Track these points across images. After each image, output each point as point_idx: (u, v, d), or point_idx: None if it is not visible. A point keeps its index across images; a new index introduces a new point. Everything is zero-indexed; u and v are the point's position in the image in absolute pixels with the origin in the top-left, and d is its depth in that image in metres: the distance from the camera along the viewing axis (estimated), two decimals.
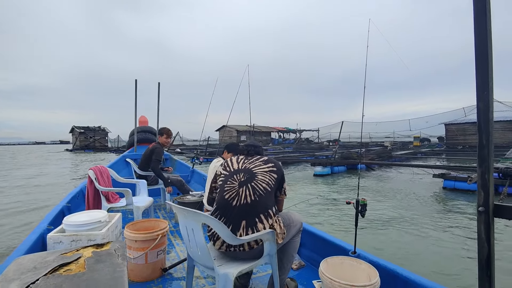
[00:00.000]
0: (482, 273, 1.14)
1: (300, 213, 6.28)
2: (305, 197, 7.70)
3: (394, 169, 13.45)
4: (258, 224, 1.55)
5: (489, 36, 1.09)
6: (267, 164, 1.73)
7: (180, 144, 33.51)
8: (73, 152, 38.30)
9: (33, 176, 12.97)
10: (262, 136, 42.47)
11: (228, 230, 1.42)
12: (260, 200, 1.59)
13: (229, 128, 42.55)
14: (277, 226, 1.60)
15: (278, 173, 1.71)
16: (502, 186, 7.74)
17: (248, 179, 1.65)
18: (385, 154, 17.23)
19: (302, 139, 42.60)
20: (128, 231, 2.06)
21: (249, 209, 1.57)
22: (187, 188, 4.34)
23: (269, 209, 1.61)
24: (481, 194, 1.14)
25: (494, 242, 1.14)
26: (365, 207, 1.93)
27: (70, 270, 1.07)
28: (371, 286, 1.35)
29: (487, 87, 1.10)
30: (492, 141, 1.14)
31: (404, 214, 6.15)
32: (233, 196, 1.61)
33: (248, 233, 1.52)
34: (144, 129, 6.49)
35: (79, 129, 43.09)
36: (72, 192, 3.59)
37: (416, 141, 29.88)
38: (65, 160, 23.29)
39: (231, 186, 1.65)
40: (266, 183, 1.64)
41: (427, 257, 3.97)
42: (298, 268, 2.29)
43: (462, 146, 26.38)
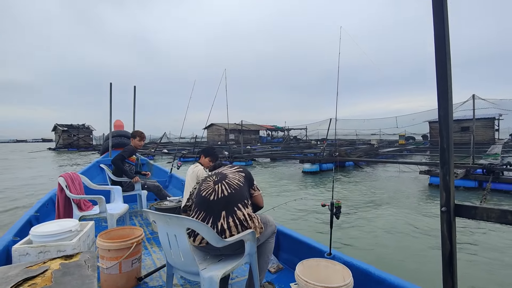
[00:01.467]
0: (446, 268, 1.21)
1: (285, 213, 6.29)
2: (295, 193, 7.77)
3: (381, 167, 13.77)
4: (237, 211, 1.66)
5: (447, 50, 1.17)
6: (233, 168, 1.98)
7: (167, 143, 32.53)
8: (56, 151, 36.40)
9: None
10: (250, 134, 42.24)
11: (214, 233, 1.45)
12: (236, 192, 1.73)
13: (217, 127, 42.07)
14: (255, 219, 1.71)
15: (245, 172, 1.93)
16: (486, 182, 8.03)
17: (221, 178, 1.82)
18: (372, 151, 17.59)
19: (291, 137, 42.80)
20: (101, 240, 1.99)
21: (227, 200, 1.69)
22: (164, 194, 4.25)
23: (245, 199, 1.75)
24: (443, 195, 1.21)
25: (456, 239, 1.22)
26: (340, 209, 1.99)
27: (35, 285, 1.02)
28: (344, 286, 1.39)
29: (446, 97, 1.18)
30: (452, 145, 1.22)
31: (390, 211, 6.31)
32: (210, 192, 1.73)
33: (229, 221, 1.62)
34: (119, 133, 6.29)
35: (62, 127, 41.41)
36: (40, 200, 3.40)
37: (402, 139, 30.27)
38: (48, 162, 21.73)
39: (207, 185, 1.79)
40: (238, 179, 1.82)
41: (408, 257, 4.14)
42: (276, 271, 2.31)
43: None
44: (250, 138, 40.31)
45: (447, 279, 1.21)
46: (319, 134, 39.93)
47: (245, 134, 36.57)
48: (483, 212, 1.13)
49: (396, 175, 11.61)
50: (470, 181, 8.61)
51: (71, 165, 18.72)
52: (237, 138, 27.69)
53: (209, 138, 43.42)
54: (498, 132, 28.05)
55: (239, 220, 1.63)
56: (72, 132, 41.52)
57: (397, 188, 8.98)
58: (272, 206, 3.79)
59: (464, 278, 3.42)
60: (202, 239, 1.59)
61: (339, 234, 4.90)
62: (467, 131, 25.64)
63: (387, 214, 6.17)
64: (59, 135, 41.46)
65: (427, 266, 3.82)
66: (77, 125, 43.44)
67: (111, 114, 5.88)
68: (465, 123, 26.16)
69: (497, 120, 26.96)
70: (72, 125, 43.02)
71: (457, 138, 26.73)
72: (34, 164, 19.40)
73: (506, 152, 16.72)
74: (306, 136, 43.29)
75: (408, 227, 5.35)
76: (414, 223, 5.62)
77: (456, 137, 27.25)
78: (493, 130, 27.15)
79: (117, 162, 3.90)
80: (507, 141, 28.19)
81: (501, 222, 1.09)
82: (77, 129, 42.41)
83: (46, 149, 39.03)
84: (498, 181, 8.05)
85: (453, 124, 1.25)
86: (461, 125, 26.88)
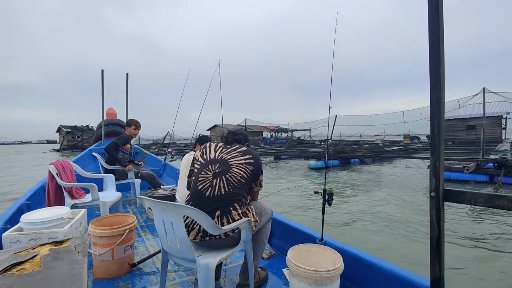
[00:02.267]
0: (433, 253, 1.23)
1: (289, 203, 6.28)
2: (303, 189, 7.77)
3: (387, 164, 13.63)
4: (232, 212, 1.58)
5: (441, 36, 1.16)
6: (244, 156, 1.70)
7: (171, 143, 32.52)
8: (60, 152, 36.30)
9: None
10: (254, 135, 41.81)
11: (211, 220, 1.40)
12: (235, 191, 1.60)
13: (221, 128, 41.53)
14: (250, 214, 1.65)
15: (255, 165, 1.70)
16: (497, 176, 7.99)
17: (223, 171, 1.64)
18: (377, 149, 17.49)
19: (294, 138, 42.70)
20: (93, 227, 1.98)
21: (223, 199, 1.58)
22: (158, 182, 4.24)
23: (243, 198, 1.64)
24: (432, 181, 1.22)
25: (444, 224, 1.24)
26: (332, 196, 2.00)
27: (24, 269, 1.01)
28: (334, 270, 1.41)
29: (439, 80, 1.17)
30: (443, 131, 1.23)
31: (396, 207, 6.34)
32: (206, 187, 1.61)
33: (223, 221, 1.54)
34: (112, 121, 6.21)
35: (66, 128, 41.23)
36: (32, 189, 3.36)
37: (406, 139, 29.74)
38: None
39: (205, 176, 1.64)
40: (241, 175, 1.63)
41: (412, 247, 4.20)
42: (268, 258, 2.34)
43: (452, 142, 26.00)
44: (253, 140, 40.02)
45: (434, 262, 1.24)
46: (323, 134, 39.81)
47: (248, 135, 35.95)
48: (471, 197, 1.15)
49: (403, 171, 11.45)
50: (481, 175, 8.50)
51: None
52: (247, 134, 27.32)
53: (212, 140, 42.56)
54: (505, 131, 27.37)
55: (234, 220, 1.56)
56: (76, 133, 41.30)
57: (405, 183, 8.91)
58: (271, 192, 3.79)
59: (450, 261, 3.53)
60: (195, 236, 1.55)
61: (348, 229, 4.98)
62: (473, 129, 25.28)
63: (396, 209, 6.18)
64: (63, 137, 41.35)
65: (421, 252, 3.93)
66: (81, 126, 43.26)
67: (103, 102, 5.78)
68: (471, 121, 25.69)
69: (504, 119, 26.25)
70: (76, 126, 42.88)
71: (463, 136, 26.44)
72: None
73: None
74: (309, 137, 43.17)
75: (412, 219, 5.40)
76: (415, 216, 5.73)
77: (462, 135, 26.74)
78: (501, 129, 26.52)
79: (110, 150, 3.86)
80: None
81: (488, 206, 1.10)
82: (81, 131, 42.14)
83: (51, 150, 38.73)
84: (510, 175, 7.99)
85: (444, 111, 1.25)
86: (467, 123, 26.49)
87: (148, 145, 33.71)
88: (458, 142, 25.59)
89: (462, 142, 25.44)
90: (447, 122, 27.29)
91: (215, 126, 42.26)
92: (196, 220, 1.46)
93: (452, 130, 27.57)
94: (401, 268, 1.55)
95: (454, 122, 27.36)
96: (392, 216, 5.54)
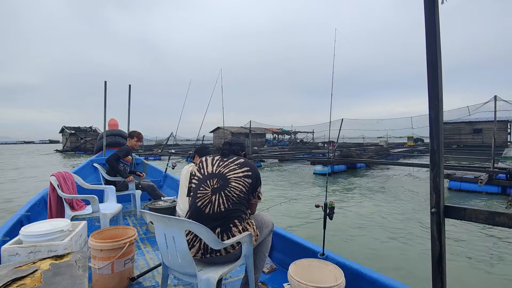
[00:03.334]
0: (435, 269, 1.23)
1: (295, 213, 6.20)
2: (309, 196, 7.60)
3: (392, 168, 13.29)
4: (233, 228, 1.56)
5: (438, 51, 1.19)
6: (241, 169, 1.68)
7: (174, 145, 32.47)
8: (63, 153, 36.11)
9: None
10: (256, 138, 41.85)
11: (213, 235, 1.40)
12: (234, 207, 1.59)
13: (223, 130, 41.68)
14: (250, 228, 1.64)
15: (253, 177, 1.68)
16: (510, 188, 7.53)
17: (221, 186, 1.61)
18: (383, 151, 17.29)
19: (297, 140, 42.66)
20: (93, 240, 1.97)
21: (223, 216, 1.56)
22: (159, 194, 4.23)
23: (242, 214, 1.63)
24: (433, 196, 1.23)
25: (445, 240, 1.24)
26: (333, 210, 2.00)
27: (24, 285, 1.01)
28: (336, 286, 1.40)
29: (437, 97, 1.19)
30: (443, 147, 1.24)
31: (403, 218, 6.21)
32: (205, 204, 1.59)
33: (224, 239, 1.53)
34: (114, 132, 6.24)
35: (69, 129, 41.06)
36: (32, 200, 3.35)
37: (410, 141, 29.44)
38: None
39: (204, 193, 1.62)
40: (240, 190, 1.62)
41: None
42: (269, 272, 2.31)
43: (457, 145, 25.79)
44: (256, 142, 39.98)
45: (436, 279, 1.23)
46: (326, 137, 39.75)
47: (251, 138, 36.09)
48: (472, 214, 1.15)
49: (410, 178, 11.19)
50: (493, 186, 8.07)
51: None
52: (244, 141, 27.23)
53: (215, 142, 43.07)
54: (510, 135, 27.22)
55: (234, 237, 1.55)
56: (79, 135, 41.20)
57: (413, 191, 8.71)
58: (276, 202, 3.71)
59: (452, 276, 3.47)
60: (196, 252, 1.54)
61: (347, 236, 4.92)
62: (479, 133, 24.94)
63: (403, 221, 6.05)
64: (66, 138, 41.25)
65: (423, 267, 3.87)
66: (84, 127, 43.14)
67: (106, 113, 5.84)
68: (477, 125, 25.39)
69: (510, 123, 26.02)
70: (79, 127, 42.75)
71: (469, 140, 26.04)
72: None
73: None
74: (312, 139, 43.12)
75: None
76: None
77: (467, 139, 26.20)
78: (507, 133, 26.27)
79: (111, 162, 3.87)
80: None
81: (489, 223, 1.10)
82: (84, 132, 42.02)
83: (54, 151, 38.76)
84: None
85: (443, 127, 1.27)
86: (473, 127, 26.12)
87: (151, 146, 33.62)
88: (464, 146, 25.18)
89: (467, 145, 25.02)
90: (453, 125, 26.73)
91: (218, 128, 42.20)
92: (197, 236, 1.46)
93: (457, 134, 26.90)
94: (403, 284, 1.53)
95: (460, 126, 26.63)
96: (399, 229, 5.47)
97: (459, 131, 27.00)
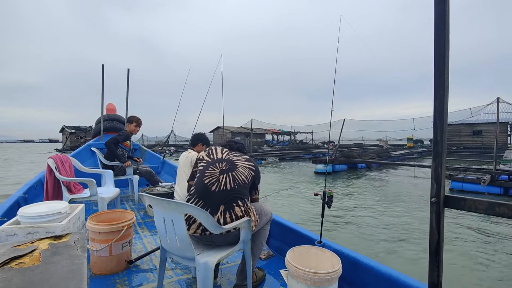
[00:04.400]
0: (432, 258, 1.24)
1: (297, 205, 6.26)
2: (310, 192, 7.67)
3: (392, 169, 13.35)
4: (236, 208, 1.61)
5: (446, 39, 1.17)
6: (248, 162, 1.81)
7: (174, 144, 32.46)
8: (64, 153, 35.72)
9: None
10: (256, 138, 41.52)
11: (213, 219, 1.42)
12: (239, 188, 1.65)
13: (223, 130, 41.23)
14: (251, 213, 1.69)
15: (255, 172, 1.79)
16: (511, 189, 7.72)
17: (229, 168, 1.71)
18: (383, 153, 17.30)
19: (297, 141, 42.55)
20: (91, 223, 1.97)
21: (228, 195, 1.62)
22: (156, 179, 4.23)
23: (245, 198, 1.69)
24: (434, 186, 1.23)
25: (444, 230, 1.25)
26: (332, 199, 2.01)
27: (23, 263, 1.01)
28: (333, 273, 1.41)
29: (443, 86, 1.17)
30: (446, 138, 1.23)
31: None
32: (212, 182, 1.65)
33: (226, 216, 1.58)
34: (112, 117, 6.18)
35: (69, 129, 41.12)
36: (29, 182, 3.35)
37: (410, 142, 29.32)
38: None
39: (212, 172, 1.70)
40: (245, 176, 1.71)
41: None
42: (266, 258, 2.34)
43: (456, 147, 25.61)
44: (256, 142, 39.85)
45: (433, 267, 1.24)
46: (325, 138, 39.66)
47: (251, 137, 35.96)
48: (471, 204, 1.15)
49: (411, 179, 11.27)
50: (495, 187, 8.24)
51: None
52: (243, 141, 27.19)
53: (215, 141, 42.88)
54: (510, 137, 27.36)
55: (236, 217, 1.59)
56: (79, 134, 41.02)
57: (413, 192, 8.74)
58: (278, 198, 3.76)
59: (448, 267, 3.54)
60: (196, 229, 1.57)
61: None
62: (479, 135, 24.99)
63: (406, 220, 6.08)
64: (66, 137, 41.19)
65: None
66: (84, 127, 42.88)
67: (103, 97, 5.77)
68: (477, 126, 25.38)
69: (510, 125, 26.06)
70: (79, 127, 42.56)
71: (469, 141, 26.01)
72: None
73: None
74: (312, 140, 43.09)
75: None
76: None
77: (467, 140, 26.12)
78: (506, 135, 26.33)
79: (110, 146, 3.84)
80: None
81: (489, 214, 1.11)
82: (84, 131, 41.74)
83: (54, 150, 38.47)
84: None
85: (447, 117, 1.26)
86: (473, 129, 26.07)
87: (151, 146, 33.44)
88: (463, 148, 25.12)
89: (467, 147, 25.01)
90: (452, 126, 26.70)
91: (217, 128, 42.07)
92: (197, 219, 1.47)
93: (457, 135, 26.77)
94: (399, 272, 1.55)
95: (460, 127, 26.55)
96: (401, 225, 5.52)
97: (459, 132, 26.87)
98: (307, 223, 5.41)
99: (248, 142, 17.53)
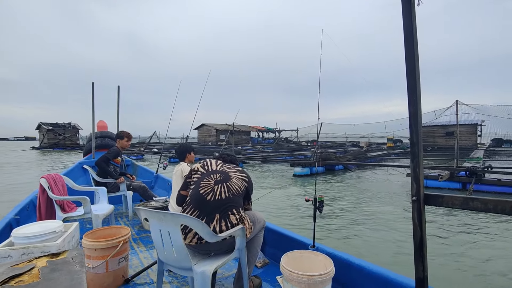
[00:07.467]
0: (417, 254, 1.31)
1: (276, 211, 6.31)
2: (289, 198, 7.80)
3: (370, 170, 13.96)
4: (231, 216, 1.67)
5: (415, 49, 1.27)
6: (241, 173, 1.90)
7: (157, 143, 31.66)
8: (40, 150, 34.63)
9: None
10: (241, 135, 41.80)
11: (209, 229, 1.48)
12: (234, 197, 1.72)
13: (208, 127, 41.46)
14: (245, 220, 1.75)
15: (248, 183, 1.89)
16: (469, 184, 8.37)
17: (224, 179, 1.79)
18: (361, 155, 17.66)
19: (281, 139, 42.88)
20: (87, 240, 1.98)
21: (223, 204, 1.68)
22: (150, 194, 4.22)
23: (240, 207, 1.75)
24: (413, 186, 1.31)
25: (426, 226, 1.32)
26: (322, 204, 2.07)
27: (22, 281, 1.03)
28: (326, 274, 1.46)
29: (415, 93, 1.27)
30: (421, 140, 1.32)
31: (374, 211, 6.48)
32: (208, 192, 1.72)
33: (221, 224, 1.63)
34: (103, 134, 6.17)
35: (47, 125, 39.31)
36: (20, 204, 3.31)
37: (390, 142, 30.76)
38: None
39: (207, 183, 1.77)
40: (239, 186, 1.79)
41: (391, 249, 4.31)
42: (262, 266, 2.37)
43: (431, 147, 26.90)
44: (241, 139, 40.06)
45: (418, 263, 1.31)
46: (310, 136, 40.38)
47: (236, 135, 36.10)
48: (449, 200, 1.24)
49: (385, 178, 11.68)
50: (454, 183, 8.96)
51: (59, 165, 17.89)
52: (228, 139, 27.46)
53: (199, 139, 42.89)
54: (480, 138, 28.83)
55: (232, 224, 1.64)
56: (58, 131, 39.57)
57: (386, 190, 9.06)
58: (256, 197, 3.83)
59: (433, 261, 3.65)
60: (192, 238, 1.60)
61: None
62: (452, 136, 26.35)
63: (375, 213, 6.34)
64: (43, 134, 39.43)
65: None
66: (62, 123, 41.47)
67: (94, 115, 5.77)
68: (450, 128, 26.83)
69: (479, 126, 27.67)
70: (57, 123, 41.03)
71: (443, 142, 27.42)
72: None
73: (488, 157, 17.44)
74: (297, 138, 43.56)
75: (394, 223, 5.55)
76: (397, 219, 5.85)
77: (441, 141, 27.56)
78: (476, 136, 27.78)
79: (101, 164, 3.85)
80: (488, 146, 29.14)
81: (464, 208, 1.20)
82: (63, 128, 40.42)
83: (30, 148, 37.35)
84: (480, 183, 8.46)
85: (421, 121, 1.35)
86: (446, 130, 27.45)
87: (133, 144, 32.55)
88: (438, 148, 26.54)
89: (441, 148, 26.44)
90: (428, 128, 28.21)
91: (202, 125, 42.21)
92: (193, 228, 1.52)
93: (432, 136, 28.38)
94: (388, 270, 1.62)
95: (434, 129, 28.26)
96: (378, 220, 5.66)
97: (433, 133, 28.46)
98: (295, 226, 5.45)
99: (231, 140, 17.51)
